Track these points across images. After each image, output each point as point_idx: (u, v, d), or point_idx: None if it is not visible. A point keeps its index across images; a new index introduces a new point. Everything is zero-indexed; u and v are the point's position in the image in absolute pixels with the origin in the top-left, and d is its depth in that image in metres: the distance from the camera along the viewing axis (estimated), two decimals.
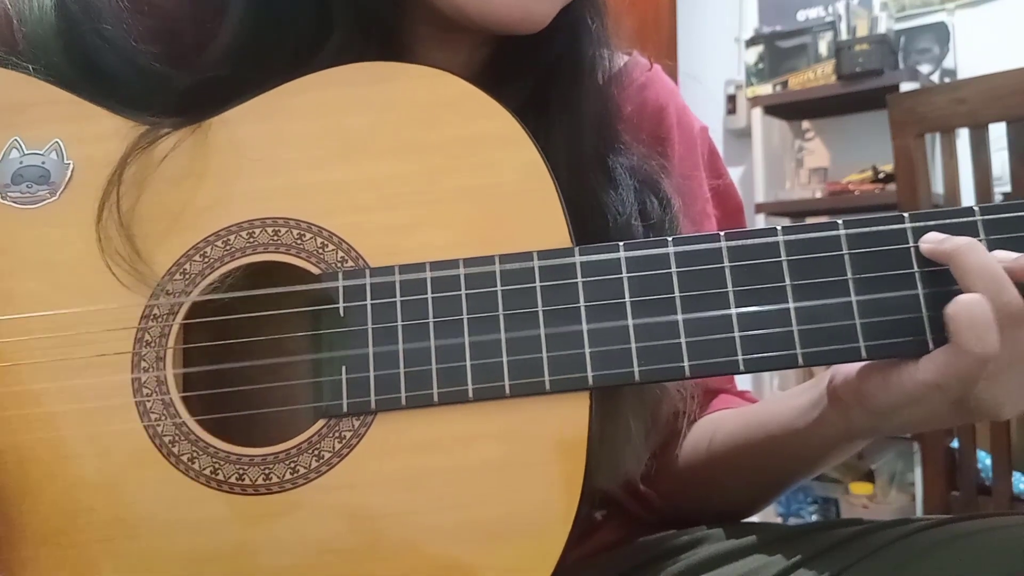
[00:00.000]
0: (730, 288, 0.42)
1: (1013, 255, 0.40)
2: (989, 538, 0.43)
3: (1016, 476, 1.61)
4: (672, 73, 0.67)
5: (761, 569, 0.48)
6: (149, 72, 0.47)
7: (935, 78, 2.43)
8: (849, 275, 0.42)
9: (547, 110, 0.53)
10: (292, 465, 0.42)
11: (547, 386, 0.42)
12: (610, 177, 0.54)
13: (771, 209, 2.53)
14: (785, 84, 2.61)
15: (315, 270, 0.44)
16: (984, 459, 1.29)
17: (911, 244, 0.42)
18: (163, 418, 0.43)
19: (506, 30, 0.49)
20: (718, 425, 0.59)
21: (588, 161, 0.53)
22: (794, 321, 0.42)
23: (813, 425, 0.49)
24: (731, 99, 2.82)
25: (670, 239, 0.43)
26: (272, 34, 0.48)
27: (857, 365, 0.44)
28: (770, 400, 0.58)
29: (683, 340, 0.42)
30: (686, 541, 0.55)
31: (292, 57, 0.47)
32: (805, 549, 0.47)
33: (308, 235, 0.45)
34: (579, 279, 0.43)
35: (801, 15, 2.73)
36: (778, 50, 2.67)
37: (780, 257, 0.43)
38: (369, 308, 0.43)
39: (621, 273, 0.43)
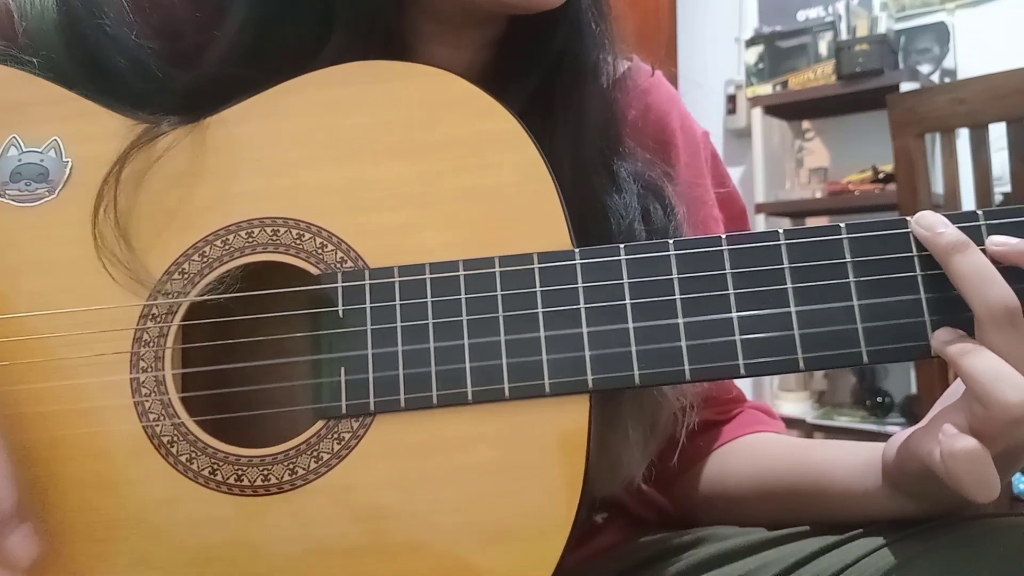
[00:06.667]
0: (731, 291, 0.42)
1: (1013, 240, 0.40)
2: (988, 538, 0.43)
3: (1016, 476, 1.61)
4: (671, 76, 0.67)
5: (761, 569, 0.48)
6: (150, 69, 0.47)
7: (935, 78, 2.43)
8: (851, 278, 0.42)
9: (551, 112, 0.52)
10: (291, 466, 0.42)
11: (547, 389, 0.41)
12: (614, 181, 0.53)
13: (771, 209, 2.53)
14: (785, 84, 2.61)
15: (314, 270, 0.44)
16: None
17: (914, 250, 0.42)
18: (162, 418, 0.43)
19: (523, 10, 0.48)
20: (759, 453, 0.59)
21: (592, 164, 0.53)
22: (796, 325, 0.41)
23: (866, 495, 0.48)
24: (731, 99, 2.82)
25: (671, 242, 0.43)
26: (274, 35, 0.48)
27: (904, 439, 0.44)
28: (824, 447, 0.55)
29: (683, 343, 0.42)
30: (686, 541, 0.55)
31: (294, 57, 0.47)
32: (805, 549, 0.47)
33: (307, 235, 0.44)
34: (579, 282, 0.43)
35: (801, 15, 2.73)
36: (778, 50, 2.67)
37: (782, 260, 0.42)
38: (368, 309, 0.43)
39: (622, 276, 0.43)
